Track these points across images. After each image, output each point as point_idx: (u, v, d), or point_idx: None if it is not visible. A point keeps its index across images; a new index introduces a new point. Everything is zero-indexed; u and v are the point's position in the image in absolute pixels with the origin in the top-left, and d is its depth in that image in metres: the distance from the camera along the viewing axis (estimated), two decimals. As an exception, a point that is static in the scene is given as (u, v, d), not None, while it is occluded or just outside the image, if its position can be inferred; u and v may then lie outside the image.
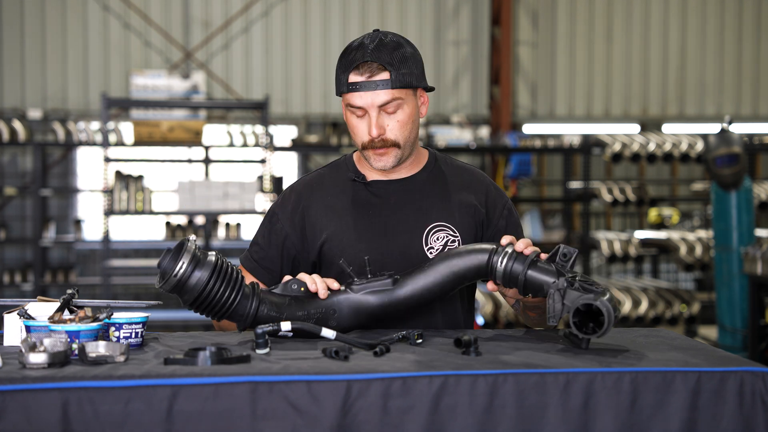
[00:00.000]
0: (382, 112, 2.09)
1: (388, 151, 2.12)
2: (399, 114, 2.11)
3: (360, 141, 2.14)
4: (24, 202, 9.63)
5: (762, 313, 5.35)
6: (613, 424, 1.59)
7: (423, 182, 2.22)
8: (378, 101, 2.08)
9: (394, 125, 2.11)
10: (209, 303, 1.82)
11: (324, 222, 2.17)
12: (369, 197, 2.20)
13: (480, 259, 1.90)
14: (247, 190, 7.21)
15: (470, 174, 2.27)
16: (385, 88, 2.07)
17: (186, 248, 1.80)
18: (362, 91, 2.07)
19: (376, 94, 2.07)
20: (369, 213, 2.17)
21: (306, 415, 1.53)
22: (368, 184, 2.21)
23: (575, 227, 9.22)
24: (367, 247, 2.11)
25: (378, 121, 2.09)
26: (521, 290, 1.88)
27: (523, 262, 1.86)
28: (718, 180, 5.60)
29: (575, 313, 1.75)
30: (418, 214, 2.16)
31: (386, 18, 10.16)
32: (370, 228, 2.15)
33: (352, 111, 2.12)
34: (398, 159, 2.15)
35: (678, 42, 10.61)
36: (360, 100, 2.08)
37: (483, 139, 9.18)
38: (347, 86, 2.09)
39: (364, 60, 2.06)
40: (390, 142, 2.12)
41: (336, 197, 2.21)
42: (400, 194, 2.20)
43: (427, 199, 2.19)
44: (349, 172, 2.23)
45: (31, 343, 1.58)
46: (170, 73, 8.95)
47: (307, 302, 1.92)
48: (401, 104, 2.10)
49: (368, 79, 2.06)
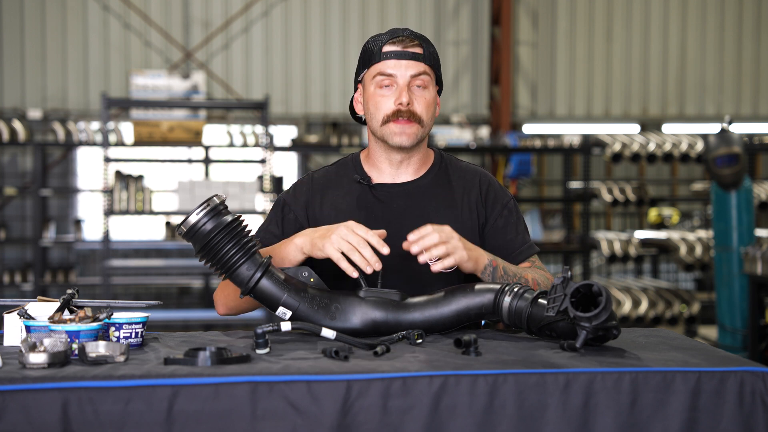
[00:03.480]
0: (411, 85, 2.14)
1: (412, 125, 2.15)
2: (425, 92, 2.16)
3: (383, 114, 2.15)
4: (24, 202, 9.63)
5: (762, 313, 5.34)
6: (613, 424, 1.59)
7: (427, 186, 2.22)
8: (411, 71, 2.14)
9: (421, 101, 2.15)
10: (213, 255, 1.86)
11: (328, 222, 2.17)
12: (373, 201, 2.20)
13: (488, 298, 1.91)
14: (247, 190, 7.21)
15: (473, 174, 2.27)
16: (418, 60, 2.14)
17: (209, 202, 1.86)
18: (397, 59, 2.13)
19: (409, 64, 2.14)
20: (372, 217, 2.17)
21: (306, 415, 1.52)
22: (373, 187, 2.21)
23: (575, 227, 9.22)
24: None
25: (409, 91, 2.14)
26: (525, 328, 1.89)
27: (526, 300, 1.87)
28: (718, 180, 5.60)
29: (573, 294, 1.75)
30: (420, 220, 2.15)
31: (386, 18, 10.16)
32: None
33: (380, 82, 2.15)
34: (418, 138, 2.17)
35: (678, 42, 10.61)
36: (393, 68, 2.14)
37: (483, 139, 9.18)
38: (381, 55, 2.15)
39: (402, 33, 2.16)
40: (416, 116, 2.15)
41: (341, 197, 2.21)
42: (404, 199, 2.20)
43: (429, 204, 2.20)
44: (356, 173, 2.24)
45: (31, 343, 1.58)
46: (170, 73, 8.94)
47: (312, 291, 1.92)
48: (428, 82, 2.16)
49: (404, 49, 2.14)
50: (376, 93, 2.16)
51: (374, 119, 2.17)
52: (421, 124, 2.15)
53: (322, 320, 1.90)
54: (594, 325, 1.72)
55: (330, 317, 1.90)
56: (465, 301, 1.91)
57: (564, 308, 1.75)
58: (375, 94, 2.16)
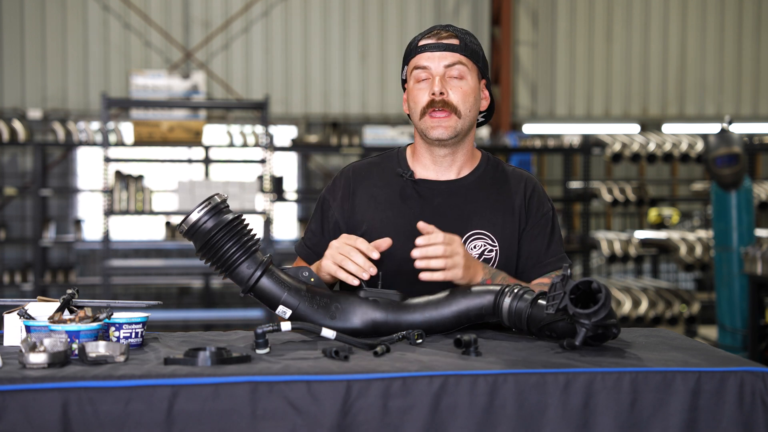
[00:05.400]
0: (446, 75, 2.14)
1: (448, 116, 2.13)
2: (463, 83, 2.14)
3: (420, 107, 2.15)
4: (24, 202, 9.63)
5: (762, 313, 5.34)
6: (613, 424, 1.59)
7: (470, 187, 2.20)
8: (445, 61, 2.13)
9: (457, 91, 2.14)
10: (214, 254, 1.86)
11: (366, 212, 2.17)
12: (414, 195, 2.18)
13: (488, 299, 1.91)
14: (247, 190, 7.21)
15: (518, 179, 2.23)
16: (452, 51, 2.14)
17: (210, 200, 1.87)
18: (430, 51, 2.14)
19: (443, 55, 2.14)
20: (411, 212, 2.15)
21: (306, 415, 1.52)
22: (415, 182, 2.20)
23: (575, 227, 9.23)
24: (402, 245, 2.05)
25: (441, 80, 2.13)
26: (525, 329, 1.88)
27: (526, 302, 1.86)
28: (718, 180, 5.60)
29: (572, 291, 1.75)
30: (458, 220, 2.13)
31: (386, 18, 10.16)
32: (408, 226, 2.11)
33: (416, 76, 2.16)
34: (456, 131, 2.14)
35: (678, 42, 10.61)
36: (427, 59, 2.14)
37: (483, 139, 9.17)
38: (417, 49, 2.16)
39: (441, 28, 2.17)
40: (451, 105, 2.13)
41: (381, 189, 2.20)
42: (445, 197, 2.18)
43: (470, 205, 2.17)
44: (399, 166, 2.23)
45: (31, 343, 1.58)
46: (170, 73, 8.94)
47: (312, 291, 1.92)
48: (465, 73, 2.15)
49: (438, 41, 2.15)
50: (414, 87, 2.17)
51: (414, 113, 2.18)
52: (458, 115, 2.13)
53: (322, 320, 1.90)
54: (593, 322, 1.72)
55: (330, 317, 1.90)
56: (465, 302, 1.91)
57: (563, 305, 1.74)
58: (413, 89, 2.17)
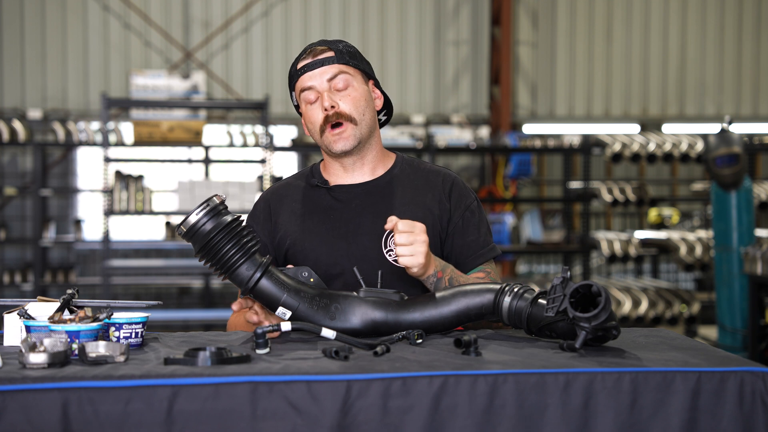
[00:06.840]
0: (332, 89, 2.17)
1: (345, 128, 2.17)
2: (350, 90, 2.18)
3: (317, 126, 2.19)
4: (24, 202, 9.63)
5: (762, 313, 5.35)
6: (613, 424, 1.59)
7: (385, 186, 2.24)
8: (326, 75, 2.17)
9: (346, 100, 2.17)
10: (213, 255, 1.86)
11: (288, 227, 2.21)
12: (331, 202, 2.23)
13: (488, 298, 1.91)
14: (247, 190, 7.22)
15: (436, 175, 2.27)
16: (330, 64, 2.17)
17: (209, 202, 1.87)
18: (310, 71, 2.17)
19: (323, 70, 2.17)
20: (331, 218, 2.20)
21: (306, 415, 1.52)
22: (330, 189, 2.24)
23: (575, 227, 9.22)
24: (328, 251, 2.15)
25: (329, 95, 2.16)
26: (525, 328, 1.88)
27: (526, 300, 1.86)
28: (718, 180, 5.60)
29: (572, 294, 1.75)
30: (377, 218, 2.16)
31: (386, 18, 10.16)
32: (331, 232, 2.17)
33: (306, 98, 2.19)
34: (357, 139, 2.19)
35: (678, 42, 10.61)
36: (309, 79, 2.18)
37: (483, 139, 9.18)
38: (298, 72, 2.20)
39: (312, 46, 2.21)
40: (345, 115, 2.16)
41: (300, 203, 2.25)
42: (362, 198, 2.22)
43: (387, 203, 2.20)
44: (313, 178, 2.27)
45: (31, 343, 1.58)
46: (170, 73, 8.95)
47: (312, 291, 1.93)
48: (350, 80, 2.18)
49: (314, 59, 2.18)
50: (307, 109, 2.21)
51: (314, 133, 2.22)
52: (354, 123, 2.17)
53: (321, 320, 1.90)
54: (593, 325, 1.72)
55: (330, 317, 1.90)
56: (465, 301, 1.91)
57: (563, 309, 1.75)
58: (306, 111, 2.21)
